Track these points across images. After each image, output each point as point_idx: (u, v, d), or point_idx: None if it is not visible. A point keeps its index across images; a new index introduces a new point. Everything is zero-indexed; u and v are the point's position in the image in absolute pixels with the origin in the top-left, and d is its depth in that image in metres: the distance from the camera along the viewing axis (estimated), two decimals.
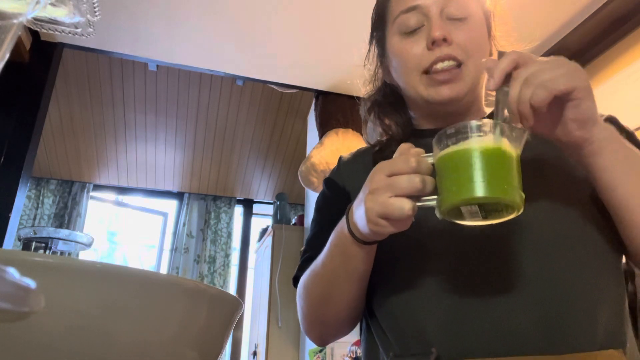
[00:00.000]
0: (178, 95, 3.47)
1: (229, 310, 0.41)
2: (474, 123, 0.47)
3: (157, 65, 3.15)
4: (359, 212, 0.53)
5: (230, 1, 1.97)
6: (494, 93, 0.51)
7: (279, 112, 3.69)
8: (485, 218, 0.47)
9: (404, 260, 0.62)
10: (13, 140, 2.04)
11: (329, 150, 2.42)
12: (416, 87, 0.68)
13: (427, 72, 0.66)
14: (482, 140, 0.46)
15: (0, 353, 0.28)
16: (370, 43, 0.81)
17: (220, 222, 4.57)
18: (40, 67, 2.16)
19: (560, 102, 0.49)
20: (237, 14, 2.04)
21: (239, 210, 4.75)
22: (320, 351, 2.53)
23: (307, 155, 2.61)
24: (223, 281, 4.36)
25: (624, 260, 0.63)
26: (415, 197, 0.49)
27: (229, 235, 4.56)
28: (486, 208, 0.46)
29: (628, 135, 0.63)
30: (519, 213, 0.46)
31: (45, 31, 0.46)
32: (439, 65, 0.65)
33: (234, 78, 2.88)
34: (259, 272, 3.68)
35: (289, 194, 4.04)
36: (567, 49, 2.12)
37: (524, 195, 0.46)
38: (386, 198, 0.49)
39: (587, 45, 2.08)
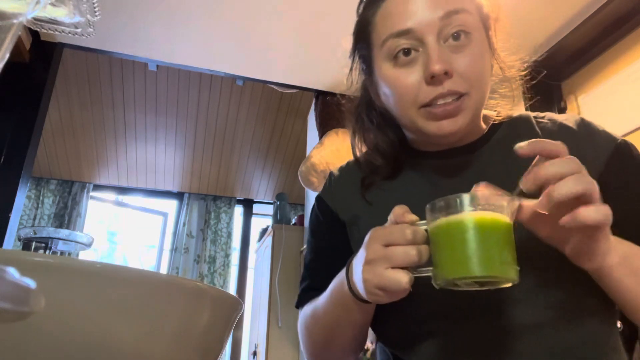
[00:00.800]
0: (178, 95, 3.47)
1: (229, 310, 0.41)
2: (465, 197, 0.46)
3: (157, 65, 3.16)
4: (357, 276, 0.53)
5: (230, 1, 1.97)
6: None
7: (279, 112, 3.69)
8: (481, 286, 0.48)
9: (410, 308, 0.62)
10: (13, 140, 2.04)
11: (329, 150, 2.42)
12: (414, 121, 0.62)
13: (425, 105, 0.61)
14: (475, 215, 0.46)
15: (0, 353, 0.28)
16: (353, 60, 0.74)
17: (220, 222, 4.57)
18: (40, 67, 2.16)
19: (578, 230, 0.46)
20: (237, 14, 2.04)
21: (239, 210, 4.75)
22: None
23: (307, 155, 2.61)
24: (223, 281, 4.36)
25: None
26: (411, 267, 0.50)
27: (229, 235, 4.56)
28: (481, 280, 0.47)
29: (637, 167, 0.62)
30: (514, 284, 0.47)
31: (45, 31, 0.46)
32: (441, 101, 0.59)
33: (234, 78, 2.88)
34: (259, 272, 3.68)
35: (289, 194, 4.04)
36: (567, 49, 2.12)
37: (518, 268, 0.46)
38: (383, 270, 0.49)
39: (587, 45, 2.08)
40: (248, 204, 4.78)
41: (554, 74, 2.28)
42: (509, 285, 0.47)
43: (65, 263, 0.31)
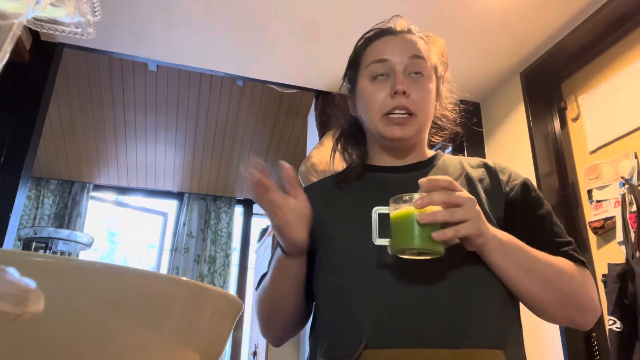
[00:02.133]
0: (178, 95, 3.47)
1: (229, 311, 0.41)
2: (415, 195, 0.69)
3: (157, 65, 3.15)
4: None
5: (230, 1, 1.97)
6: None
7: (279, 112, 3.69)
8: (418, 255, 0.70)
9: (346, 269, 0.79)
10: (13, 140, 2.04)
11: (329, 150, 2.42)
12: (376, 125, 0.87)
13: (386, 113, 0.84)
14: (418, 208, 0.68)
15: (0, 353, 0.28)
16: (344, 80, 0.99)
17: (221, 222, 4.57)
18: (40, 67, 2.16)
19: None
20: (237, 14, 2.04)
21: (239, 210, 4.75)
22: None
23: (307, 155, 2.61)
24: (223, 281, 4.36)
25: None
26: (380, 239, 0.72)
27: (229, 235, 4.56)
28: (420, 250, 0.68)
29: (537, 198, 0.86)
30: (442, 255, 0.69)
31: (45, 31, 0.46)
32: (396, 113, 0.84)
33: (234, 78, 2.88)
34: (259, 272, 3.68)
35: None
36: (567, 49, 2.12)
37: (445, 246, 0.69)
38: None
39: (587, 45, 2.08)
40: (248, 204, 4.78)
41: (554, 74, 2.28)
42: (437, 256, 0.68)
43: (65, 263, 0.31)
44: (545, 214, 0.85)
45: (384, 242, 0.71)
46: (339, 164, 1.01)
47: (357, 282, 0.77)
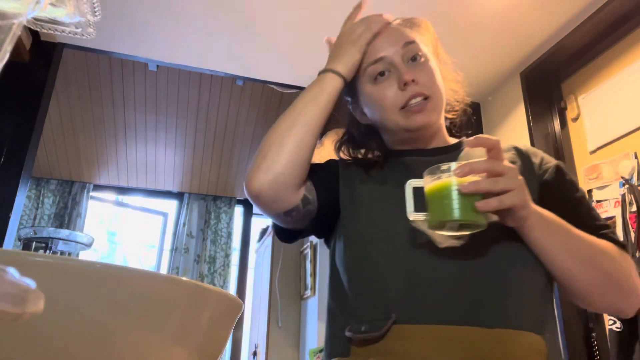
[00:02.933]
0: (178, 95, 3.47)
1: (229, 311, 0.41)
2: (453, 165, 0.64)
3: (157, 65, 3.15)
4: (341, 51, 0.86)
5: (230, 1, 1.97)
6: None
7: (279, 112, 3.69)
8: (458, 230, 0.65)
9: (375, 242, 0.75)
10: (13, 140, 2.04)
11: (330, 150, 2.42)
12: (396, 121, 0.83)
13: (402, 107, 0.82)
14: (458, 178, 0.63)
15: (0, 353, 0.28)
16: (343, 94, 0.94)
17: (221, 222, 4.57)
18: (40, 67, 2.16)
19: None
20: (237, 14, 2.04)
21: (239, 210, 4.75)
22: (321, 351, 2.53)
23: None
24: (223, 281, 4.35)
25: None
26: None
27: (229, 235, 4.56)
28: (461, 224, 0.64)
29: (570, 182, 0.83)
30: (484, 228, 0.65)
31: (45, 31, 0.46)
32: (413, 102, 0.81)
33: (234, 78, 2.88)
34: (259, 272, 3.68)
35: None
36: (567, 49, 2.12)
37: (487, 218, 0.64)
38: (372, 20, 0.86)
39: (587, 45, 2.08)
40: (248, 204, 4.78)
41: (554, 74, 2.28)
42: (479, 230, 0.64)
43: (65, 263, 0.31)
44: (581, 197, 0.81)
45: (420, 216, 0.67)
46: None
47: (387, 256, 0.73)
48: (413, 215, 0.67)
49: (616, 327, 1.53)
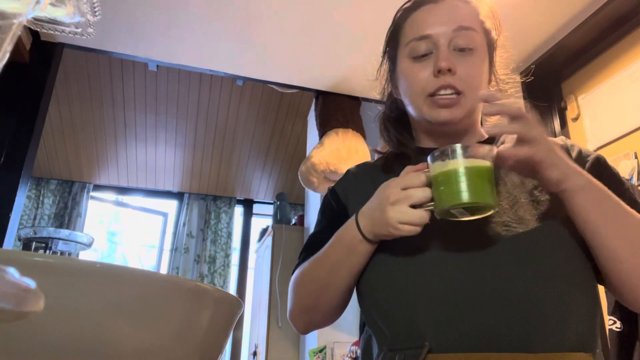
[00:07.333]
0: (178, 95, 3.47)
1: (229, 311, 0.41)
2: (458, 146, 0.62)
3: (157, 65, 3.16)
4: (375, 216, 0.67)
5: (230, 2, 1.97)
6: (490, 119, 0.71)
7: (279, 112, 3.69)
8: (471, 214, 0.62)
9: (402, 265, 0.70)
10: (13, 140, 2.04)
11: (329, 150, 2.42)
12: (420, 107, 0.77)
13: (431, 95, 0.74)
14: (464, 160, 0.61)
15: (0, 353, 0.28)
16: (383, 57, 0.88)
17: (220, 222, 4.57)
18: (40, 67, 2.16)
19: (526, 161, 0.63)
20: (237, 14, 2.04)
21: (239, 210, 4.75)
22: (320, 351, 2.53)
23: (307, 155, 2.61)
24: (223, 281, 4.36)
25: None
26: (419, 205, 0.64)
27: (229, 235, 4.56)
28: (470, 208, 0.61)
29: (613, 175, 0.75)
30: (495, 210, 0.63)
31: (45, 31, 0.46)
32: (442, 92, 0.73)
33: (234, 78, 2.88)
34: (259, 272, 3.68)
35: (289, 194, 4.04)
36: (567, 49, 2.12)
37: (496, 198, 0.62)
38: (406, 208, 0.63)
39: (587, 45, 2.08)
40: (248, 204, 4.78)
41: (554, 74, 2.28)
42: (490, 212, 0.62)
43: (65, 263, 0.31)
44: (624, 190, 0.72)
45: (429, 207, 0.64)
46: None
47: (415, 275, 0.67)
48: (422, 207, 0.65)
49: (616, 327, 1.53)
